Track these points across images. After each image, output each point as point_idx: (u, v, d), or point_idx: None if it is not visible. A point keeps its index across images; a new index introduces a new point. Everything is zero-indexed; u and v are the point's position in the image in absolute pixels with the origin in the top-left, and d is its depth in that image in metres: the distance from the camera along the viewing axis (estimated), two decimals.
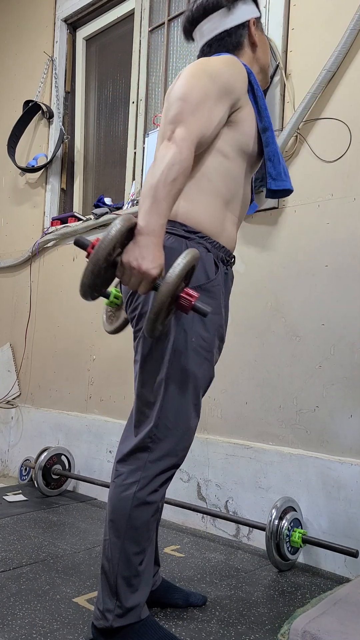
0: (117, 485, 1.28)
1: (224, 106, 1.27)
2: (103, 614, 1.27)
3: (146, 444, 1.26)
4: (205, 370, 1.31)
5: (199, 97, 1.22)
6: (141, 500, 1.25)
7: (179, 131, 1.18)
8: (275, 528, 1.79)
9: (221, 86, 1.26)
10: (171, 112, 1.22)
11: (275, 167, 1.38)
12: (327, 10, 2.11)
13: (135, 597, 1.27)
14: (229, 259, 1.38)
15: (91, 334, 2.91)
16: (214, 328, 1.31)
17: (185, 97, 1.21)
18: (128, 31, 3.08)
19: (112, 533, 1.28)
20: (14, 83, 3.65)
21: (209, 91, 1.23)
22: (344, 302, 1.98)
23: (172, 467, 1.28)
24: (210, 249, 1.30)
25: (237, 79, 1.29)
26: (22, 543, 2.01)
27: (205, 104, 1.22)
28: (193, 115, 1.20)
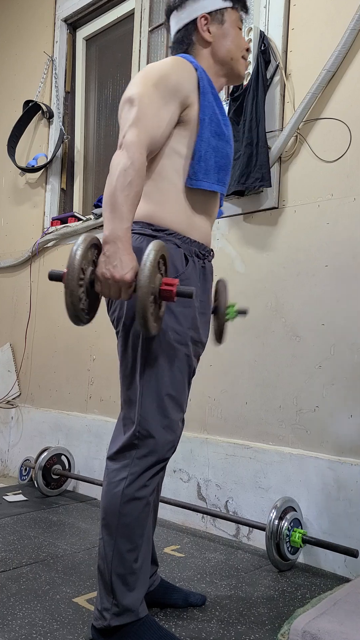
0: (107, 483, 1.31)
1: (171, 106, 1.28)
2: (101, 613, 1.27)
3: (132, 441, 1.29)
4: (182, 363, 1.32)
5: (144, 101, 1.24)
6: (130, 496, 1.27)
7: (128, 136, 1.20)
8: (275, 528, 1.79)
9: (166, 87, 1.27)
10: (121, 120, 1.25)
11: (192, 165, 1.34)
12: (327, 10, 2.11)
13: (132, 596, 1.27)
14: (204, 252, 1.40)
15: (91, 334, 2.91)
16: (187, 321, 1.32)
17: (131, 103, 1.24)
18: (128, 31, 3.08)
19: (105, 531, 1.29)
20: (14, 83, 3.65)
21: (154, 94, 1.25)
22: (344, 302, 1.98)
23: (159, 461, 1.30)
24: (180, 244, 1.32)
25: (182, 77, 1.31)
26: (22, 543, 2.01)
27: (151, 107, 1.24)
28: (140, 120, 1.22)
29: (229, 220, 2.35)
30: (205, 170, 1.35)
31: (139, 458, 1.28)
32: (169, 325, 1.29)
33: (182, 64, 1.33)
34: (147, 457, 1.28)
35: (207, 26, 1.42)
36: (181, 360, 1.31)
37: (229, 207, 2.34)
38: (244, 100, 2.21)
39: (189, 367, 1.35)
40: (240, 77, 1.50)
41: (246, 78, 2.23)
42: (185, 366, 1.33)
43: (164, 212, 1.32)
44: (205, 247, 1.41)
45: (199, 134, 1.34)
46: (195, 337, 1.36)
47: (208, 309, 1.46)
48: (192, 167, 1.34)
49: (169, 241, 1.31)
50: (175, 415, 1.31)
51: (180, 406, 1.33)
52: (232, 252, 2.32)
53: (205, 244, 1.41)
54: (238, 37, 1.46)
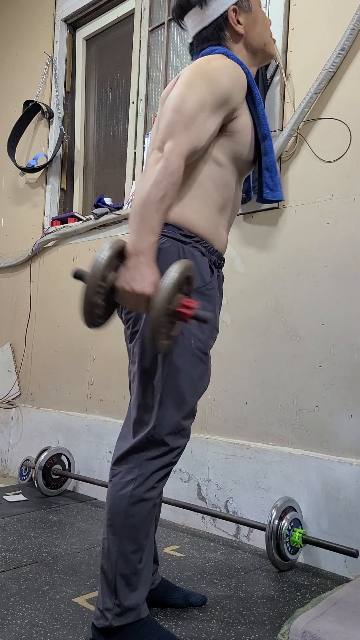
0: (114, 484, 1.29)
1: (219, 117, 1.26)
2: (102, 613, 1.27)
3: (143, 444, 1.28)
4: (202, 371, 1.32)
5: (193, 110, 1.20)
6: (138, 497, 1.26)
7: (169, 144, 1.17)
8: (275, 528, 1.79)
9: (218, 96, 1.23)
10: (163, 122, 1.21)
11: (272, 176, 1.39)
12: (327, 10, 2.11)
13: (134, 596, 1.27)
14: (220, 262, 1.41)
15: (91, 334, 2.91)
16: (209, 330, 1.32)
17: (180, 108, 1.19)
18: (128, 31, 3.07)
19: (110, 531, 1.28)
20: (14, 83, 3.65)
21: (205, 102, 1.21)
22: (344, 302, 1.98)
23: (168, 465, 1.30)
24: (205, 252, 1.32)
25: (235, 87, 1.27)
26: (22, 543, 2.01)
27: (199, 117, 1.20)
28: (185, 128, 1.18)
29: None
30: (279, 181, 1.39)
31: (149, 459, 1.27)
32: (193, 333, 1.28)
33: (236, 71, 1.28)
34: (157, 459, 1.27)
35: (237, 18, 1.36)
36: (201, 369, 1.31)
37: None
38: None
39: (207, 376, 1.35)
40: (273, 56, 1.46)
41: None
42: (204, 374, 1.33)
43: (195, 218, 1.30)
44: (222, 256, 1.41)
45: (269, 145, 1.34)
46: (211, 346, 1.37)
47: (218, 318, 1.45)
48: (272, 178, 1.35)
49: (196, 248, 1.29)
50: (188, 422, 1.32)
51: (193, 413, 1.33)
52: (232, 252, 2.32)
53: (222, 254, 1.41)
54: (264, 17, 1.41)
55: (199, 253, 1.30)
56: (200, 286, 1.29)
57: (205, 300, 1.31)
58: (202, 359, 1.31)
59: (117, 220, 2.84)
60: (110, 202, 2.93)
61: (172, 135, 1.18)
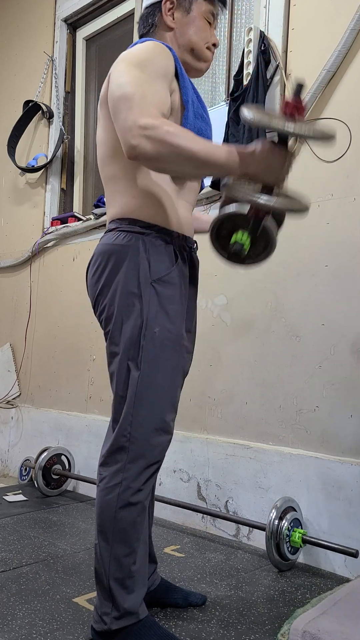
0: (101, 489, 1.28)
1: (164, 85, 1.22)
2: (101, 617, 1.26)
3: (122, 443, 1.26)
4: (176, 362, 1.30)
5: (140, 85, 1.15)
6: (125, 501, 1.24)
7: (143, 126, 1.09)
8: (275, 528, 1.79)
9: (154, 70, 1.21)
10: (122, 116, 1.13)
11: None
12: (327, 10, 2.11)
13: (131, 598, 1.26)
14: (190, 245, 1.39)
15: (91, 334, 2.91)
16: (179, 319, 1.31)
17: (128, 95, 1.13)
18: (128, 31, 3.08)
19: (101, 536, 1.27)
20: (14, 83, 3.65)
21: (143, 79, 1.18)
22: (344, 302, 1.98)
23: (152, 464, 1.28)
24: (169, 240, 1.31)
25: (165, 63, 1.25)
26: (22, 543, 2.01)
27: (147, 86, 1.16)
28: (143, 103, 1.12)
29: None
30: None
31: (131, 462, 1.25)
32: (162, 325, 1.27)
33: (162, 48, 1.27)
34: (139, 460, 1.26)
35: (171, 11, 1.38)
36: (174, 360, 1.30)
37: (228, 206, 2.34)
38: (244, 101, 2.21)
39: (181, 366, 1.34)
40: (199, 72, 1.43)
41: (246, 78, 2.23)
42: (178, 365, 1.32)
43: (151, 206, 1.29)
44: (191, 239, 1.39)
45: (185, 116, 1.30)
46: (188, 337, 1.36)
47: (195, 303, 1.44)
48: None
49: (158, 237, 1.29)
50: (167, 416, 1.30)
51: (173, 406, 1.31)
52: None
53: (190, 237, 1.39)
54: (204, 29, 1.39)
55: (162, 242, 1.29)
56: (164, 274, 1.28)
57: (171, 289, 1.29)
58: (174, 349, 1.30)
59: None
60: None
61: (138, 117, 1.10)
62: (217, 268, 2.28)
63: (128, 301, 1.27)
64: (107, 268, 1.30)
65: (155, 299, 1.27)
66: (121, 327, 1.28)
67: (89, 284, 1.37)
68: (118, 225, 1.31)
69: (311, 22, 2.16)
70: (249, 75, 2.21)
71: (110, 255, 1.29)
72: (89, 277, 1.36)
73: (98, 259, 1.32)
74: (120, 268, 1.28)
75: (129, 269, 1.27)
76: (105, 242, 1.32)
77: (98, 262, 1.32)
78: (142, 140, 1.08)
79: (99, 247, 1.34)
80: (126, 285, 1.26)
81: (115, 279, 1.28)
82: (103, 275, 1.30)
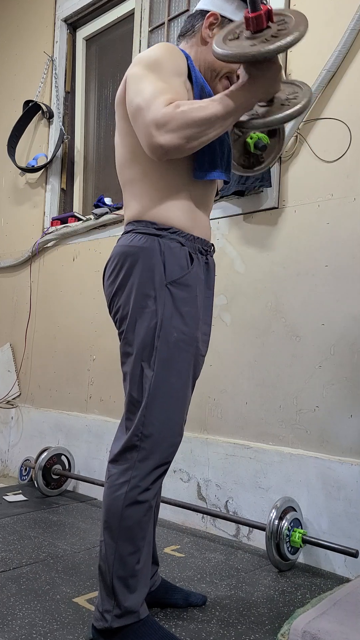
0: (109, 486, 1.29)
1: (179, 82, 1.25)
2: (102, 614, 1.27)
3: (134, 442, 1.27)
4: (189, 364, 1.31)
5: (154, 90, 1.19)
6: (133, 499, 1.25)
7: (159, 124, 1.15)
8: (275, 528, 1.79)
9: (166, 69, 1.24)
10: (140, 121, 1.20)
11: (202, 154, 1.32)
12: (327, 10, 2.11)
13: (133, 597, 1.27)
14: (206, 248, 1.39)
15: (91, 334, 2.91)
16: (193, 322, 1.31)
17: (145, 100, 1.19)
18: (128, 31, 3.08)
19: (107, 534, 1.28)
20: (14, 83, 3.65)
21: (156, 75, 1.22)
22: (344, 302, 1.98)
23: (162, 464, 1.29)
24: (185, 242, 1.31)
25: (177, 63, 1.27)
26: (22, 543, 2.01)
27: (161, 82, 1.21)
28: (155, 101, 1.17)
29: (229, 220, 2.35)
30: (212, 160, 1.32)
31: (141, 461, 1.26)
32: (176, 327, 1.28)
33: (173, 49, 1.29)
34: (149, 459, 1.27)
35: (213, 26, 1.39)
36: (187, 362, 1.30)
37: (229, 207, 2.34)
38: None
39: (194, 369, 1.34)
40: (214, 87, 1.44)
41: None
42: (190, 368, 1.32)
43: (165, 209, 1.30)
44: (207, 242, 1.40)
45: None
46: (199, 337, 1.35)
47: (211, 307, 1.44)
48: (198, 158, 1.30)
49: (173, 239, 1.29)
50: (179, 417, 1.30)
51: (184, 408, 1.32)
52: (232, 252, 2.32)
53: (206, 240, 1.39)
54: None
55: (177, 244, 1.30)
56: (179, 277, 1.29)
57: (186, 291, 1.30)
58: (189, 351, 1.30)
59: (117, 220, 2.84)
60: (110, 202, 2.93)
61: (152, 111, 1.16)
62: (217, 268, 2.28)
63: (143, 302, 1.27)
64: (123, 269, 1.30)
65: (170, 301, 1.27)
66: (135, 328, 1.28)
67: (105, 284, 1.37)
68: (135, 227, 1.32)
69: (311, 22, 2.14)
70: None
71: (126, 257, 1.30)
72: (105, 278, 1.37)
73: (114, 260, 1.33)
74: (135, 269, 1.28)
75: (145, 270, 1.27)
76: (122, 244, 1.33)
77: (114, 263, 1.33)
78: (167, 137, 1.16)
79: (116, 249, 1.35)
80: (141, 286, 1.27)
81: (131, 280, 1.29)
82: (119, 276, 1.31)
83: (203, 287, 1.37)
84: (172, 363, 1.28)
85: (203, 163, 1.31)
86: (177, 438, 1.31)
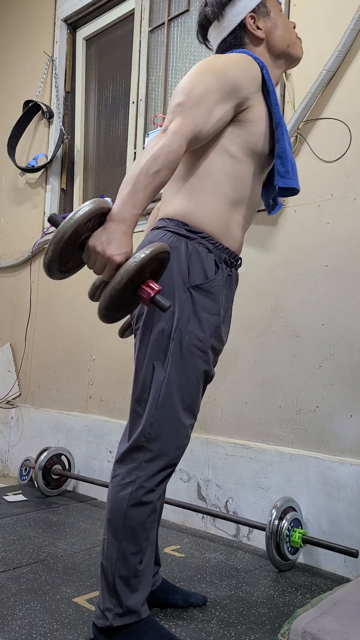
0: (114, 485, 1.29)
1: (227, 105, 1.25)
2: (103, 613, 1.27)
3: (141, 443, 1.27)
4: (200, 369, 1.30)
5: (200, 93, 1.20)
6: (137, 500, 1.25)
7: (173, 124, 1.17)
8: (275, 528, 1.79)
9: (226, 85, 1.23)
10: (171, 105, 1.21)
11: (283, 164, 1.35)
12: (327, 10, 2.11)
13: (135, 597, 1.27)
14: (233, 260, 1.37)
15: (91, 334, 2.91)
16: (210, 328, 1.30)
17: (187, 91, 1.20)
18: (128, 31, 3.08)
19: (110, 533, 1.28)
20: (14, 83, 3.65)
21: (212, 89, 1.22)
22: (344, 302, 1.98)
23: (168, 466, 1.28)
24: (212, 249, 1.30)
25: (245, 77, 1.26)
26: (22, 543, 2.01)
27: (206, 101, 1.21)
28: (191, 109, 1.18)
29: None
30: (293, 169, 1.34)
31: (147, 461, 1.26)
32: (191, 331, 1.27)
33: (247, 62, 1.28)
34: (156, 461, 1.26)
35: (256, 24, 1.38)
36: (199, 367, 1.29)
37: None
38: None
39: (205, 375, 1.33)
40: (299, 59, 1.46)
41: None
42: (202, 373, 1.31)
43: (202, 213, 1.29)
44: (236, 255, 1.38)
45: (281, 132, 1.32)
46: (215, 346, 1.34)
47: (229, 318, 1.43)
48: (283, 165, 1.32)
49: (202, 244, 1.28)
50: (187, 420, 1.30)
51: (193, 412, 1.31)
52: None
53: (236, 253, 1.38)
54: (285, 20, 1.41)
55: (205, 249, 1.29)
56: (202, 282, 1.28)
57: (209, 298, 1.29)
58: (200, 357, 1.29)
59: None
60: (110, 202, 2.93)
61: (176, 116, 1.18)
62: None
63: None
64: None
65: (190, 305, 1.26)
66: (152, 327, 1.27)
67: None
68: (166, 224, 1.31)
69: (311, 22, 2.16)
70: None
71: None
72: None
73: None
74: None
75: (168, 269, 1.26)
76: (150, 239, 1.32)
77: None
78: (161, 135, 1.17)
79: (143, 243, 1.33)
80: (163, 284, 1.25)
81: None
82: None
83: (224, 298, 1.35)
84: (184, 367, 1.27)
85: (287, 171, 1.33)
86: (184, 441, 1.30)
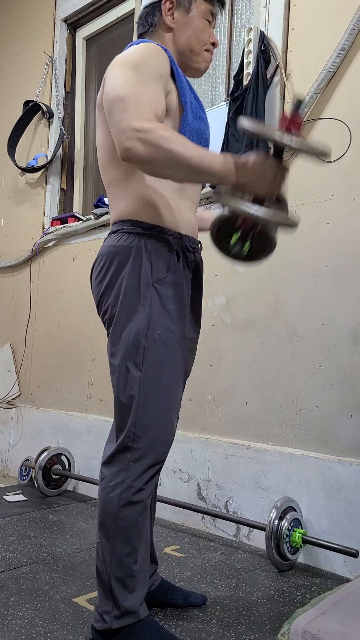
0: (103, 488, 1.29)
1: (159, 88, 1.22)
2: (101, 616, 1.27)
3: (127, 443, 1.27)
4: (178, 363, 1.31)
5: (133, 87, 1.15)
6: (127, 500, 1.25)
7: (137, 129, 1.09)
8: (275, 528, 1.79)
9: (148, 72, 1.20)
10: (116, 117, 1.13)
11: None
12: (327, 10, 2.11)
13: (132, 597, 1.26)
14: (194, 246, 1.38)
15: (91, 334, 2.91)
16: (181, 320, 1.31)
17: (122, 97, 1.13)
18: (128, 31, 3.08)
19: (103, 535, 1.28)
20: (14, 83, 3.65)
21: (138, 78, 1.18)
22: (344, 302, 1.98)
23: (155, 464, 1.29)
24: (172, 240, 1.31)
25: (159, 64, 1.24)
26: (22, 543, 2.01)
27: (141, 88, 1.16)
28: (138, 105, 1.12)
29: None
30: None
31: (134, 461, 1.26)
32: (164, 325, 1.28)
33: (156, 50, 1.26)
34: (142, 459, 1.27)
35: (171, 11, 1.37)
36: (176, 360, 1.30)
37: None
38: (244, 101, 2.21)
39: (184, 367, 1.35)
40: (198, 72, 1.43)
41: (246, 78, 2.23)
42: (180, 366, 1.32)
43: (153, 207, 1.30)
44: (194, 239, 1.39)
45: (183, 117, 1.29)
46: (189, 335, 1.36)
47: (199, 305, 1.44)
48: None
49: (160, 238, 1.29)
50: (170, 415, 1.30)
51: (176, 407, 1.32)
52: None
53: (193, 237, 1.39)
54: (203, 29, 1.39)
55: (164, 243, 1.29)
56: (164, 276, 1.29)
57: (174, 289, 1.30)
58: (176, 349, 1.30)
59: None
60: None
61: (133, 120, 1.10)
62: (217, 268, 2.29)
63: (130, 302, 1.27)
64: (110, 269, 1.30)
65: (157, 300, 1.27)
66: (123, 328, 1.28)
67: (93, 285, 1.37)
68: (121, 227, 1.32)
69: (311, 22, 2.16)
70: (249, 75, 2.21)
71: (113, 257, 1.30)
72: (93, 278, 1.37)
73: (102, 260, 1.33)
74: (122, 269, 1.28)
75: (131, 270, 1.27)
76: (108, 244, 1.33)
77: (102, 263, 1.33)
78: (136, 143, 1.08)
79: (103, 249, 1.35)
80: (128, 286, 1.27)
81: (118, 280, 1.29)
82: (106, 277, 1.31)
83: (190, 284, 1.37)
84: (161, 362, 1.27)
85: None
86: (169, 437, 1.31)
